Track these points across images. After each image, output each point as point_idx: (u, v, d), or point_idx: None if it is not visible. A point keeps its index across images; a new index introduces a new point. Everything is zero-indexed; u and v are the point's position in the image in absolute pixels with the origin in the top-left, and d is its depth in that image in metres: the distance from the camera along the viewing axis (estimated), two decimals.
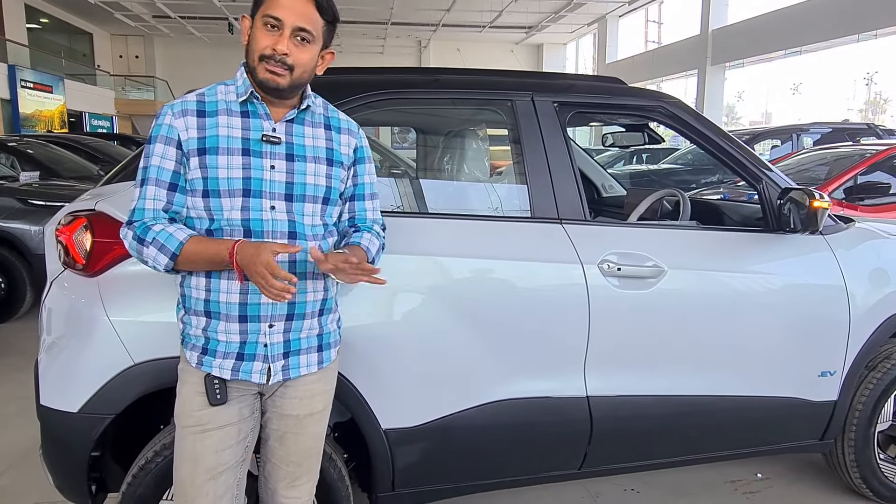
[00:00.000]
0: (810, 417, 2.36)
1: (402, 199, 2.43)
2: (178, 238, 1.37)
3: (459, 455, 2.05)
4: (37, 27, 21.88)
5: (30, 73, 18.06)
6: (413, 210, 2.45)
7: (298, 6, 1.39)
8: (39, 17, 21.83)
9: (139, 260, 1.42)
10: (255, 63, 1.40)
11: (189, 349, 1.48)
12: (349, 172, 1.58)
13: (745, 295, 2.22)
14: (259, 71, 1.40)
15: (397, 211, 2.09)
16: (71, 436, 1.75)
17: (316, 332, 1.53)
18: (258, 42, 1.39)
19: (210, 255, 1.37)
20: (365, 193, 1.62)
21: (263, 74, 1.40)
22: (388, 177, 2.97)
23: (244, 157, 1.41)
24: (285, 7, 1.38)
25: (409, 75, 2.22)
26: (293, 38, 1.39)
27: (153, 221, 1.40)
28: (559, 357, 2.07)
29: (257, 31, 1.40)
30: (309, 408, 1.54)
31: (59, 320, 1.81)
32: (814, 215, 2.14)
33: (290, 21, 1.38)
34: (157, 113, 1.46)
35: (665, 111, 2.31)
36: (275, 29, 1.38)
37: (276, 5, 1.38)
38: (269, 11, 1.38)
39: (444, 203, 2.50)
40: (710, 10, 17.13)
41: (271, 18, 1.38)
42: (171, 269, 1.40)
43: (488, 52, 28.28)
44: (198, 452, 1.44)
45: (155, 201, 1.40)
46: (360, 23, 23.40)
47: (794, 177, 6.57)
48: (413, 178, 2.77)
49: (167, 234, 1.37)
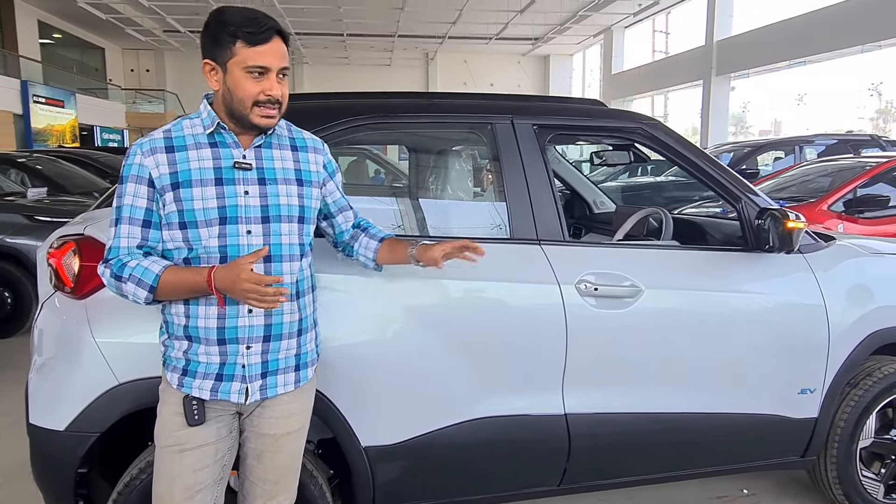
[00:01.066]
0: (791, 435, 2.38)
1: (388, 220, 2.50)
2: (154, 271, 1.43)
3: (439, 472, 2.09)
4: (50, 43, 22.25)
5: (42, 88, 18.34)
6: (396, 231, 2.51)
7: (277, 48, 1.45)
8: (52, 32, 22.20)
9: (120, 296, 1.48)
10: (247, 110, 1.45)
11: (170, 371, 1.54)
12: (327, 187, 1.66)
13: (722, 314, 2.25)
14: (253, 117, 1.45)
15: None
16: (58, 453, 1.81)
17: (294, 353, 1.58)
18: (247, 90, 1.44)
19: (188, 286, 1.43)
20: (347, 203, 1.75)
21: (260, 120, 1.46)
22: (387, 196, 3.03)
23: (217, 187, 1.47)
24: (268, 54, 1.43)
25: (392, 100, 2.28)
26: (277, 77, 1.46)
27: (128, 258, 1.45)
28: (537, 375, 2.11)
29: (242, 80, 1.43)
30: (285, 427, 1.59)
31: (48, 341, 1.88)
32: (789, 235, 2.18)
33: (276, 65, 1.45)
34: (126, 153, 1.51)
35: (644, 132, 2.35)
36: (262, 76, 1.44)
37: (259, 55, 1.43)
38: (254, 63, 1.43)
39: (427, 224, 2.55)
40: (715, 22, 17.17)
41: (258, 68, 1.43)
42: (152, 302, 1.46)
43: (495, 63, 28.43)
44: (176, 471, 1.50)
45: (129, 239, 1.46)
46: (368, 36, 23.62)
47: (795, 189, 6.61)
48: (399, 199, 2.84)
49: (143, 269, 1.43)
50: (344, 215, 1.74)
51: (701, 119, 17.88)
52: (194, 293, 1.45)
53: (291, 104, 1.57)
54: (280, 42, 1.46)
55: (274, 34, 1.45)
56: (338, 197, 1.71)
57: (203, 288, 1.41)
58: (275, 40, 1.45)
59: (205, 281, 1.40)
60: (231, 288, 1.38)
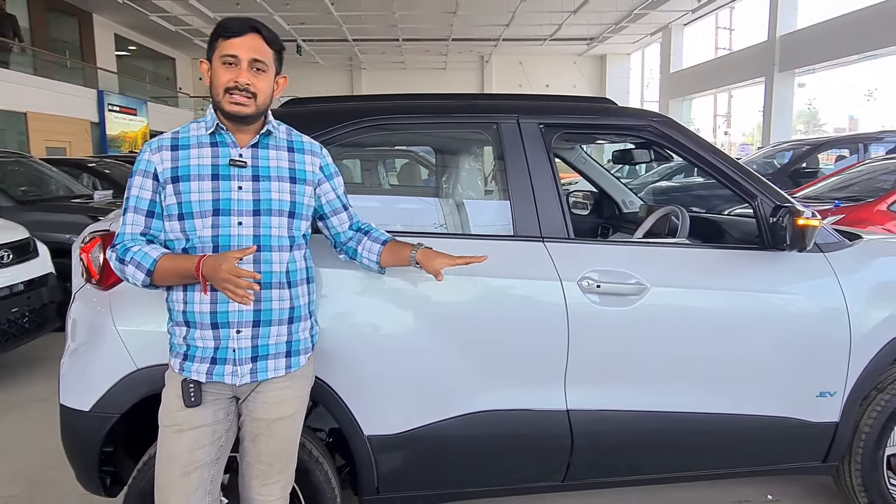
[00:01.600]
0: (810, 439, 2.31)
1: (394, 217, 2.57)
2: (152, 256, 1.56)
3: (441, 462, 2.14)
4: (125, 54, 23.53)
5: (116, 98, 19.43)
6: (403, 228, 2.58)
7: (250, 42, 1.57)
8: (128, 45, 23.47)
9: (122, 278, 1.62)
10: (220, 97, 1.58)
11: (174, 356, 1.66)
12: (322, 188, 1.75)
13: (732, 313, 2.21)
14: (224, 104, 1.57)
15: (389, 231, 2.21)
16: (84, 432, 1.96)
17: (284, 339, 1.67)
18: (219, 78, 1.57)
19: (180, 272, 1.55)
20: (346, 203, 1.82)
21: (229, 107, 1.57)
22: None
23: (213, 182, 1.59)
24: (238, 45, 1.56)
25: (398, 101, 2.35)
26: (250, 69, 1.57)
27: (132, 244, 1.59)
28: (539, 371, 2.13)
29: (217, 69, 1.58)
30: (278, 412, 1.68)
31: (77, 328, 2.04)
32: (801, 233, 2.12)
33: (245, 55, 1.56)
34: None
35: (654, 130, 2.33)
36: (233, 65, 1.56)
37: (230, 46, 1.56)
38: (225, 52, 1.56)
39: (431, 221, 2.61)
40: (778, 15, 16.51)
41: (229, 57, 1.56)
42: (150, 285, 1.58)
43: (551, 64, 28.20)
44: (174, 450, 1.61)
45: (134, 226, 1.61)
46: (422, 40, 23.88)
47: (857, 188, 6.32)
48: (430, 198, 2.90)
49: (143, 254, 1.56)
50: (338, 217, 1.81)
51: (763, 117, 17.21)
52: (185, 279, 1.56)
53: (301, 108, 1.66)
54: (255, 38, 1.57)
55: (249, 30, 1.57)
56: (332, 198, 1.79)
57: (191, 274, 1.52)
58: (249, 35, 1.57)
59: (194, 267, 1.51)
60: (212, 276, 1.48)
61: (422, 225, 2.60)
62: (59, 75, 17.50)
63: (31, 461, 3.11)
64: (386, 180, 4.08)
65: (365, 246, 1.84)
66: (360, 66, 28.59)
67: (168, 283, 1.60)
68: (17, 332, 4.24)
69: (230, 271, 1.45)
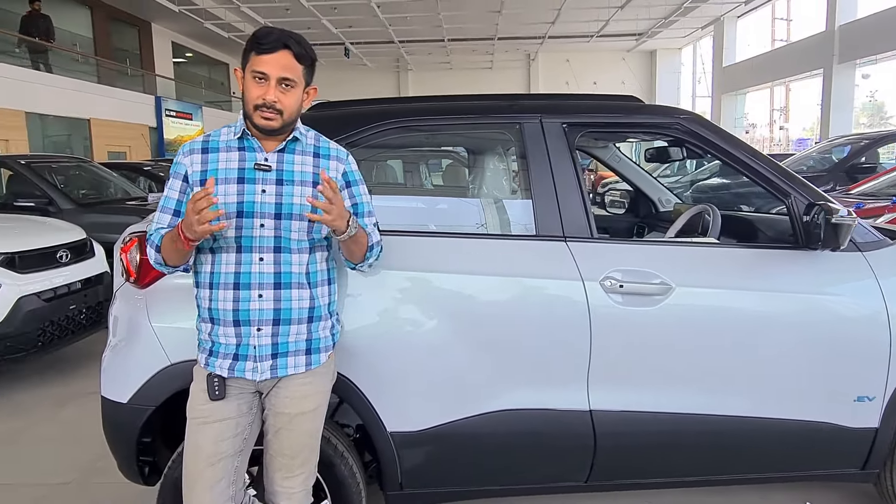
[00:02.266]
0: (846, 444, 2.24)
1: (414, 217, 2.60)
2: (161, 233, 1.68)
3: (463, 460, 2.17)
4: (182, 61, 24.41)
5: (173, 103, 20.19)
6: (433, 229, 2.61)
7: (280, 59, 1.62)
8: (184, 52, 24.34)
9: (156, 268, 1.72)
10: (250, 111, 1.64)
11: (200, 351, 1.75)
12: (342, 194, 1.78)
13: (762, 313, 2.16)
14: (255, 118, 1.64)
15: (412, 231, 2.25)
16: (122, 423, 2.07)
17: (304, 337, 1.73)
18: (250, 93, 1.63)
19: (170, 236, 1.63)
20: (364, 211, 1.82)
21: (259, 121, 1.64)
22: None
23: (239, 185, 1.66)
24: (269, 63, 1.61)
25: (422, 103, 2.38)
26: (279, 86, 1.62)
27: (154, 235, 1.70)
28: (561, 371, 2.13)
29: (248, 83, 1.64)
30: (299, 407, 1.74)
31: (117, 325, 2.15)
32: (834, 231, 2.05)
33: (274, 74, 1.61)
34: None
35: (682, 128, 2.30)
36: (262, 81, 1.62)
37: (261, 62, 1.61)
38: (255, 68, 1.62)
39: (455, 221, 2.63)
40: (837, 4, 15.81)
41: (258, 73, 1.62)
42: (164, 265, 1.69)
43: (598, 61, 27.78)
44: (200, 441, 1.69)
45: (159, 224, 1.71)
46: (468, 40, 23.89)
47: None
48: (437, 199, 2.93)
49: (159, 235, 1.68)
50: None
51: (821, 110, 16.51)
52: (175, 243, 1.61)
53: (328, 112, 1.72)
54: (286, 55, 1.61)
55: (281, 47, 1.61)
56: (356, 203, 1.81)
57: (176, 234, 1.59)
58: (280, 52, 1.61)
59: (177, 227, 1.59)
60: (188, 223, 1.53)
61: (441, 224, 2.63)
62: (121, 83, 18.30)
63: (85, 450, 3.28)
64: (407, 180, 4.13)
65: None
66: (406, 67, 28.83)
67: (172, 259, 1.67)
68: (75, 328, 4.47)
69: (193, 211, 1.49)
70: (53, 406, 4.00)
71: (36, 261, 4.28)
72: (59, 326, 4.32)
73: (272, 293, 1.67)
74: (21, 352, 4.10)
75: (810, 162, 9.33)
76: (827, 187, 8.02)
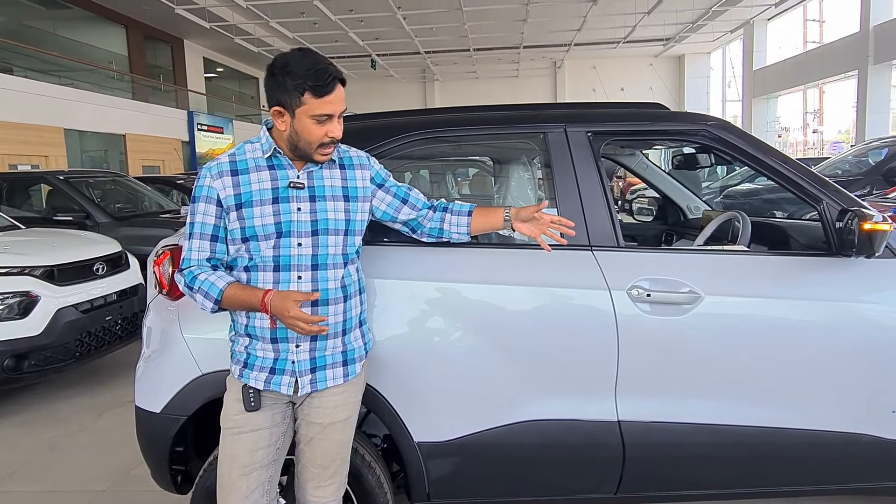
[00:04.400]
0: (884, 457, 2.17)
1: None
2: (219, 286, 1.66)
3: (490, 470, 2.16)
4: (213, 76, 24.95)
5: (205, 117, 20.66)
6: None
7: (339, 96, 1.63)
8: (216, 67, 24.89)
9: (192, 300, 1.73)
10: (312, 150, 1.65)
11: (234, 363, 1.77)
12: (377, 195, 1.84)
13: (793, 322, 2.12)
14: (316, 155, 1.66)
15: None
16: (155, 432, 2.11)
17: (340, 350, 1.75)
18: (313, 134, 1.63)
19: (245, 304, 1.65)
20: (407, 192, 1.89)
21: (320, 158, 1.67)
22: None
23: (274, 205, 1.67)
24: (332, 103, 1.62)
25: (446, 115, 2.40)
26: (339, 120, 1.66)
27: (199, 270, 1.69)
28: (588, 381, 2.11)
29: (310, 126, 1.61)
30: (332, 417, 1.76)
31: (151, 336, 2.20)
32: (868, 238, 2.01)
33: (338, 111, 1.64)
34: (197, 176, 1.75)
35: (709, 134, 2.27)
36: (327, 120, 1.62)
37: (325, 105, 1.60)
38: (321, 112, 1.60)
39: None
40: (871, 5, 15.47)
41: (324, 116, 1.61)
42: (217, 310, 1.70)
43: (626, 67, 27.63)
44: (234, 451, 1.71)
45: (199, 252, 1.70)
46: (494, 49, 23.97)
47: None
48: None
49: (210, 283, 1.66)
50: (404, 211, 1.88)
51: (856, 112, 16.13)
52: (252, 310, 1.66)
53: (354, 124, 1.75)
54: (341, 88, 1.63)
55: (337, 83, 1.62)
56: (390, 200, 1.85)
57: (258, 308, 1.62)
58: (337, 89, 1.62)
59: (259, 303, 1.61)
60: (279, 315, 1.59)
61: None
62: (154, 98, 18.80)
63: (120, 459, 3.36)
64: (432, 190, 4.17)
65: (451, 222, 1.93)
66: (433, 77, 29.03)
67: (232, 307, 1.70)
68: (111, 339, 4.59)
69: (298, 317, 1.56)
70: (91, 415, 4.10)
71: (74, 273, 4.41)
72: (95, 337, 4.44)
73: (309, 310, 1.67)
74: (60, 362, 4.22)
75: (846, 165, 9.12)
76: (863, 191, 7.82)
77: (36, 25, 15.78)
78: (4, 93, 12.17)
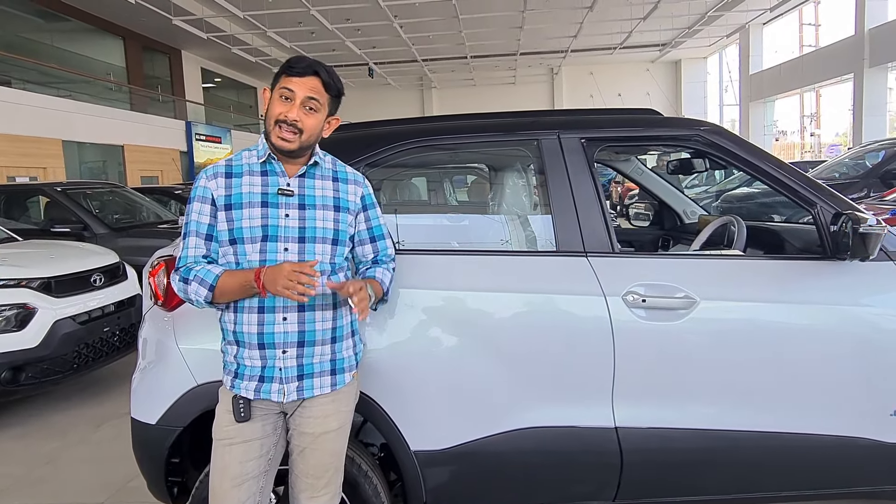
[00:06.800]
0: (883, 460, 2.16)
1: (434, 234, 2.61)
2: (214, 272, 1.67)
3: (487, 478, 2.15)
4: (211, 86, 25.02)
5: (203, 128, 20.69)
6: (454, 246, 2.62)
7: (308, 82, 1.67)
8: (213, 77, 24.96)
9: (185, 299, 1.73)
10: (270, 128, 1.68)
11: (226, 374, 1.77)
12: (358, 217, 1.82)
13: (789, 326, 2.12)
14: (273, 136, 1.68)
15: (431, 249, 2.25)
16: (151, 443, 2.10)
17: (329, 358, 1.74)
18: (273, 110, 1.68)
19: (240, 282, 1.64)
20: (384, 233, 1.86)
21: (276, 140, 1.67)
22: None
23: (263, 209, 1.69)
24: (297, 83, 1.66)
25: (438, 123, 2.41)
26: (303, 107, 1.66)
27: (195, 264, 1.70)
28: (585, 388, 2.11)
29: (274, 101, 1.68)
30: (324, 426, 1.75)
31: (146, 347, 2.19)
32: (862, 241, 2.01)
33: (301, 93, 1.66)
34: (195, 178, 1.78)
35: (702, 139, 2.28)
36: (288, 100, 1.66)
37: (290, 81, 1.66)
38: (284, 85, 1.67)
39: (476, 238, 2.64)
40: (866, 8, 15.54)
41: (286, 90, 1.66)
42: (211, 303, 1.69)
43: (622, 73, 27.73)
44: (226, 462, 1.71)
45: (195, 249, 1.71)
46: (491, 56, 24.06)
47: None
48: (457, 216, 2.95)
49: (206, 271, 1.68)
50: (363, 248, 1.85)
51: (853, 116, 16.18)
52: (245, 291, 1.64)
53: (346, 133, 1.75)
54: (315, 80, 1.66)
55: (311, 73, 1.66)
56: (363, 228, 1.84)
57: (251, 282, 1.61)
58: (310, 77, 1.66)
59: (254, 276, 1.60)
60: (272, 280, 1.56)
61: (462, 242, 2.64)
62: (153, 109, 18.84)
63: (118, 471, 3.34)
64: (426, 198, 4.17)
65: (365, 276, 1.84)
66: (430, 85, 29.13)
67: (228, 298, 1.69)
68: (108, 350, 4.58)
69: (291, 271, 1.53)
70: (89, 427, 4.09)
71: (71, 285, 4.40)
72: (93, 349, 4.42)
73: (296, 315, 1.68)
74: (57, 374, 4.21)
75: (843, 168, 9.14)
76: (861, 194, 7.83)
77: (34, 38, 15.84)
78: (3, 105, 12.21)
